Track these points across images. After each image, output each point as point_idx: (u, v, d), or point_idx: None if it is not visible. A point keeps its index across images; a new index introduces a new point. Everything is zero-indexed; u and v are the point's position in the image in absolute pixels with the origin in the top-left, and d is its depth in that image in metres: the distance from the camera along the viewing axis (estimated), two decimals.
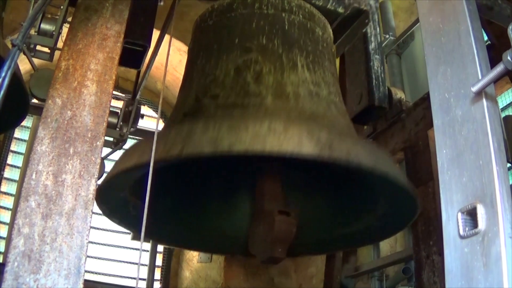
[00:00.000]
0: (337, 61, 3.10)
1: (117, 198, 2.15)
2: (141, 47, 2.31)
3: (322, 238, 2.55)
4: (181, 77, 2.43)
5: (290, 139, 1.56)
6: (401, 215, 2.19)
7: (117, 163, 1.92)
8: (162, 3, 2.47)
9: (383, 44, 4.22)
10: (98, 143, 1.54)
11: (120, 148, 3.31)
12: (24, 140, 6.51)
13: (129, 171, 1.78)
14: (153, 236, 2.76)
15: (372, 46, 2.85)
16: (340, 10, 2.77)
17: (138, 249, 6.45)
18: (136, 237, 5.80)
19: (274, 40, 2.13)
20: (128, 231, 6.07)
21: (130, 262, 6.56)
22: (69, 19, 1.94)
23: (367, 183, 2.15)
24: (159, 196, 2.30)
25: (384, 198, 2.15)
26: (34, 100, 3.13)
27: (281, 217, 1.98)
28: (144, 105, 6.77)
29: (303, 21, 2.27)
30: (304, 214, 2.56)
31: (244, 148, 1.53)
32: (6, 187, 6.25)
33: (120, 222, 2.33)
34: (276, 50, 2.10)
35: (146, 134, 4.77)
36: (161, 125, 3.04)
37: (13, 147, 6.52)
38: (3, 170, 6.20)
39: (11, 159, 6.43)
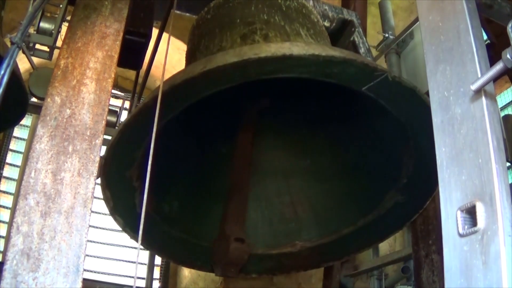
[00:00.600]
0: None
1: (123, 179, 2.09)
2: (142, 37, 2.29)
3: (344, 234, 2.49)
4: None
5: (315, 48, 1.57)
6: (428, 172, 2.00)
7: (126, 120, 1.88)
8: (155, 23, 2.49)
9: (383, 43, 4.22)
10: (97, 141, 1.54)
11: None
12: (24, 139, 6.51)
13: (146, 110, 1.73)
14: (152, 247, 2.74)
15: (362, 50, 2.90)
16: (327, 24, 2.83)
17: (136, 248, 6.44)
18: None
19: (275, 16, 2.14)
20: None
21: (129, 261, 6.56)
22: (68, 17, 1.94)
23: (389, 140, 2.08)
24: (162, 194, 2.29)
25: (408, 155, 2.06)
26: (34, 99, 3.14)
27: (235, 244, 2.20)
28: None
29: (298, 6, 2.29)
30: (326, 210, 2.55)
31: (271, 53, 1.50)
32: (6, 185, 6.25)
33: (124, 224, 2.29)
34: (278, 23, 2.11)
35: None
36: None
37: (13, 145, 6.52)
38: (3, 168, 6.20)
39: (10, 157, 6.43)
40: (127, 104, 4.17)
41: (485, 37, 2.59)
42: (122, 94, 3.70)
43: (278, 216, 2.64)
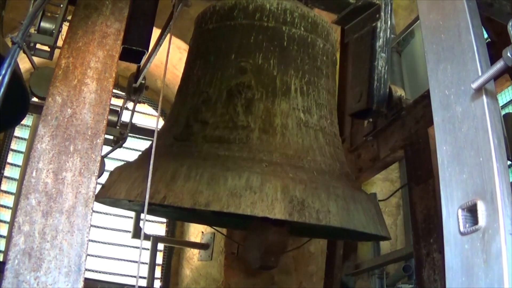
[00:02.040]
0: (342, 51, 3.08)
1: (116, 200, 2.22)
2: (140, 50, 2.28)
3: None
4: (180, 75, 2.42)
5: (264, 199, 1.70)
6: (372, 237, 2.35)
7: (108, 184, 1.99)
8: None
9: None
10: (98, 141, 1.54)
11: (120, 146, 3.31)
12: (24, 139, 6.50)
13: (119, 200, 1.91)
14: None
15: (379, 43, 2.78)
16: (352, 0, 2.78)
17: (138, 247, 6.44)
18: (136, 235, 5.80)
19: (271, 59, 2.13)
20: (129, 230, 6.08)
21: (130, 261, 6.56)
22: (69, 17, 1.94)
23: None
24: None
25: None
26: (34, 99, 3.13)
27: (275, 229, 2.06)
28: (144, 103, 6.77)
29: (304, 34, 2.24)
30: None
31: (220, 207, 1.69)
32: (6, 185, 6.24)
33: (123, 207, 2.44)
34: (271, 72, 2.11)
35: (146, 133, 4.77)
36: (161, 123, 3.03)
37: (13, 145, 6.52)
38: (3, 168, 6.20)
39: (11, 157, 6.42)
40: (128, 104, 4.16)
41: (485, 35, 2.58)
42: (123, 93, 3.69)
43: None
